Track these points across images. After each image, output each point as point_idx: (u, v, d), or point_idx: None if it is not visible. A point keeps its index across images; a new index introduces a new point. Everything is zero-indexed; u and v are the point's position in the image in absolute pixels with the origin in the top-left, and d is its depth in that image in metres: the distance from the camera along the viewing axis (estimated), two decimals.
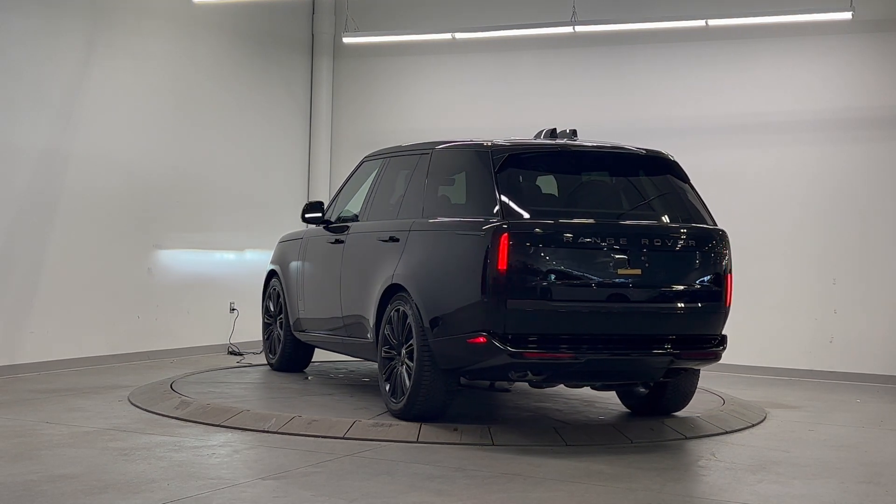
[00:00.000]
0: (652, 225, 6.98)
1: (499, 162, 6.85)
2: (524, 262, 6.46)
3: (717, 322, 6.96)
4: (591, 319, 6.63)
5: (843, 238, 10.72)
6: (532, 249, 6.49)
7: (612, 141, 7.73)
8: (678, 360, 6.76)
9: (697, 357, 6.92)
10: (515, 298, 6.42)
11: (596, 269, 6.64)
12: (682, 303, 6.85)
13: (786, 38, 10.93)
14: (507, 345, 6.37)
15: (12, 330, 9.13)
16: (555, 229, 6.60)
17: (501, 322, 6.41)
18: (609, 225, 6.81)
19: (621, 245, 6.66)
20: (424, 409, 6.90)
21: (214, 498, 5.08)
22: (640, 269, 6.66)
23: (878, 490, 5.73)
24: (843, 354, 10.64)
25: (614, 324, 6.69)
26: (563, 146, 7.29)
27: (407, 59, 12.69)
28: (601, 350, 6.59)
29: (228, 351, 11.31)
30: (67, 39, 9.60)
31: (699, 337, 6.91)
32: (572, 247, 6.58)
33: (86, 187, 9.80)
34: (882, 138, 10.63)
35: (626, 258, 6.63)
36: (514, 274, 6.42)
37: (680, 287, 6.85)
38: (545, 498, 5.30)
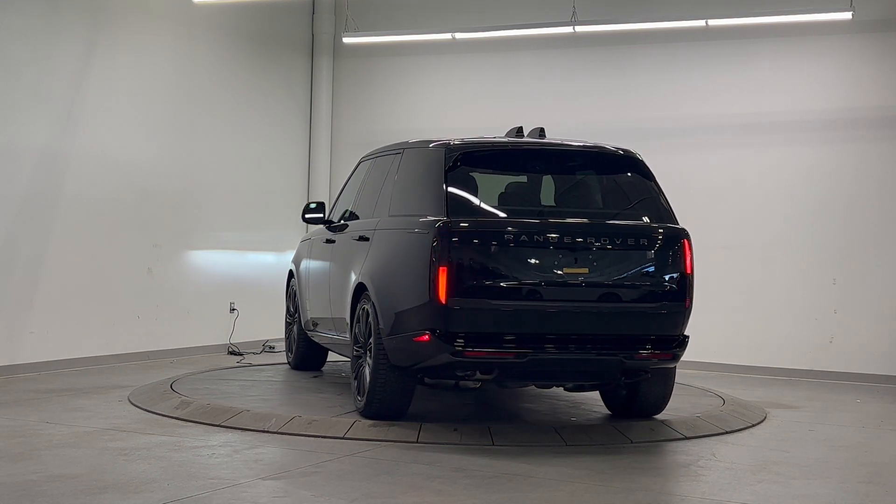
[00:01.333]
0: (600, 223, 6.86)
1: (451, 161, 6.87)
2: (467, 261, 6.45)
3: (674, 322, 6.80)
4: (535, 318, 6.55)
5: (842, 238, 10.72)
6: (475, 248, 6.48)
7: (581, 139, 7.65)
8: (629, 360, 6.61)
9: (650, 357, 6.71)
10: (458, 297, 6.40)
11: (541, 268, 6.57)
12: (634, 302, 6.74)
13: (786, 38, 10.93)
14: (449, 343, 6.38)
15: (12, 330, 9.13)
16: (498, 228, 6.57)
17: (444, 320, 6.41)
18: (555, 223, 6.74)
19: (567, 244, 6.57)
20: (382, 408, 6.93)
21: (214, 498, 5.08)
22: (587, 267, 6.59)
23: (878, 490, 5.73)
24: (843, 354, 10.64)
25: (559, 323, 6.59)
26: (519, 144, 7.29)
27: (407, 59, 12.69)
28: (544, 349, 6.51)
29: (228, 351, 11.31)
30: (67, 39, 9.60)
31: (653, 337, 6.75)
32: (516, 245, 6.51)
33: (86, 187, 9.80)
34: (882, 138, 10.63)
35: (572, 257, 6.56)
36: (456, 273, 6.40)
37: (631, 286, 6.74)
38: (545, 498, 5.30)
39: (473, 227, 6.53)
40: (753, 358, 10.97)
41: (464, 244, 6.45)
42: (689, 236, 6.90)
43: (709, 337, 11.20)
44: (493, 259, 6.50)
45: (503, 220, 6.71)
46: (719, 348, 11.13)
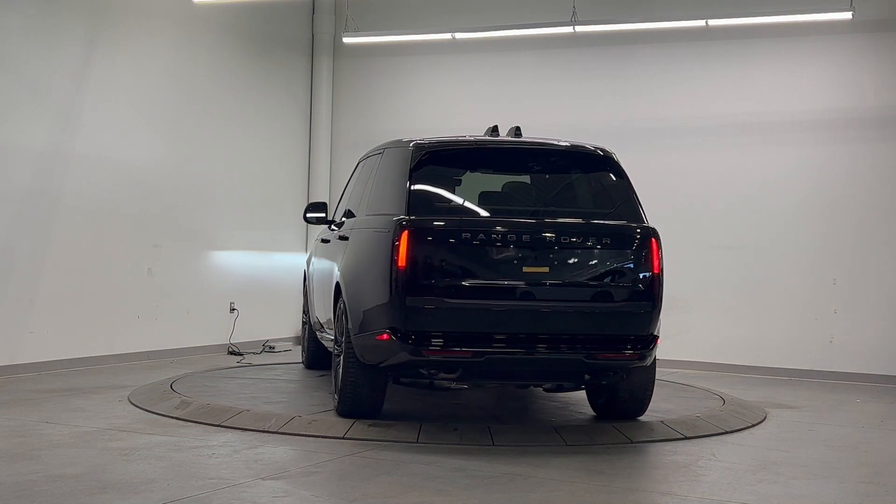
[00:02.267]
0: (561, 222, 6.77)
1: (416, 159, 6.88)
2: (425, 260, 6.44)
3: (640, 322, 6.70)
4: (493, 317, 6.51)
5: (843, 238, 10.72)
6: (433, 247, 6.47)
7: (556, 138, 7.59)
8: (590, 360, 6.52)
9: (612, 358, 6.61)
10: (416, 296, 6.40)
11: (500, 267, 6.54)
12: (595, 301, 6.65)
13: (786, 38, 10.94)
14: (407, 342, 6.37)
15: (12, 330, 9.13)
16: (457, 226, 6.54)
17: (402, 319, 6.40)
18: (515, 222, 6.68)
19: (527, 243, 6.52)
20: (353, 406, 6.97)
21: (214, 498, 5.08)
22: (547, 266, 6.53)
23: (878, 490, 5.73)
24: (843, 354, 10.65)
25: (518, 322, 6.53)
26: (487, 143, 7.28)
27: (407, 58, 12.70)
28: (502, 349, 6.46)
29: (228, 351, 11.31)
30: (67, 39, 9.60)
31: (616, 337, 6.65)
32: (475, 244, 6.47)
33: (86, 187, 9.80)
34: (882, 138, 10.63)
35: (532, 256, 6.52)
36: (414, 271, 6.40)
37: (592, 285, 6.67)
38: (545, 498, 5.30)
39: (431, 226, 6.53)
40: (753, 358, 10.97)
41: (422, 243, 6.43)
42: (656, 235, 6.80)
43: (709, 337, 11.23)
44: (452, 258, 6.50)
45: (462, 219, 6.68)
46: (719, 348, 11.13)
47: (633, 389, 7.20)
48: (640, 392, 7.23)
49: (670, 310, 11.31)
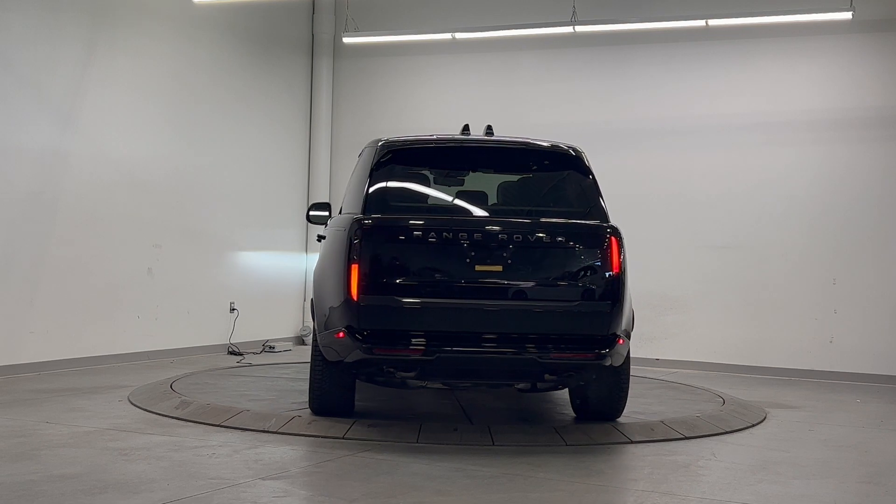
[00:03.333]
0: (515, 221, 6.73)
1: (378, 158, 6.94)
2: (379, 259, 6.47)
3: (598, 321, 6.54)
4: (445, 316, 6.48)
5: (842, 238, 10.72)
6: (387, 246, 6.50)
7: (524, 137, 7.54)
8: (544, 360, 6.41)
9: (567, 357, 6.49)
10: (369, 294, 6.41)
11: (453, 266, 6.52)
12: (549, 300, 6.56)
13: (786, 38, 10.94)
14: (360, 341, 6.39)
15: (12, 330, 9.13)
16: (410, 225, 6.55)
17: (356, 318, 6.42)
18: (468, 221, 6.68)
19: (480, 241, 6.48)
20: (323, 404, 7.05)
21: (214, 498, 5.08)
22: (501, 265, 6.49)
23: (878, 490, 5.73)
24: (843, 354, 10.65)
25: (470, 321, 6.48)
26: (448, 141, 7.30)
27: (407, 59, 12.70)
28: (454, 348, 6.43)
29: (228, 351, 11.31)
30: (67, 39, 9.60)
31: (572, 336, 6.52)
32: (428, 243, 6.47)
33: (86, 187, 9.80)
34: (882, 138, 10.63)
35: (485, 255, 6.47)
36: (368, 270, 6.42)
37: (547, 284, 6.58)
38: (545, 498, 5.30)
39: (384, 225, 6.57)
40: (753, 358, 10.98)
41: (375, 242, 6.46)
42: (617, 234, 6.65)
43: (709, 337, 11.23)
44: (405, 256, 6.52)
45: (415, 218, 6.68)
46: (719, 348, 11.14)
47: (603, 391, 7.09)
48: (611, 394, 7.10)
49: (670, 310, 11.38)
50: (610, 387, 7.08)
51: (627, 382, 7.13)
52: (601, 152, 11.71)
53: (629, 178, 11.58)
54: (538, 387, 7.00)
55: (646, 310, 11.45)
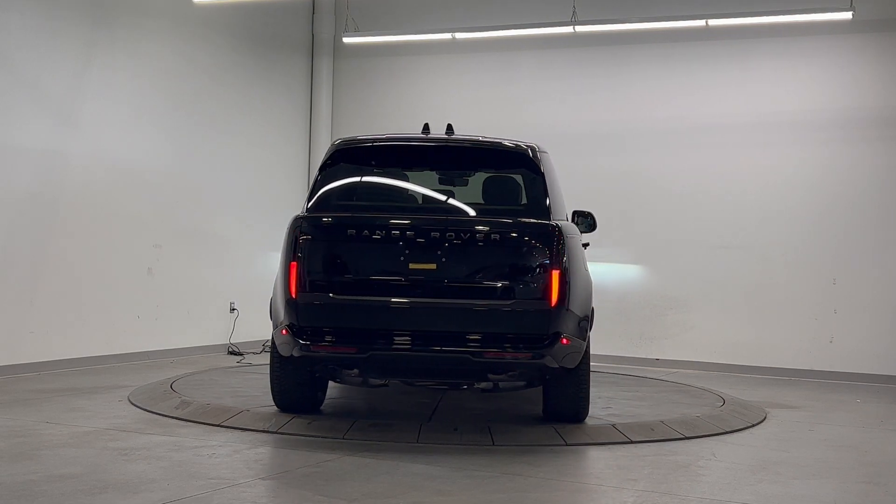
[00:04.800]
0: (450, 218, 6.67)
1: (328, 157, 7.02)
2: (315, 257, 6.55)
3: (535, 320, 6.45)
4: (379, 314, 6.51)
5: (843, 238, 10.72)
6: (322, 244, 6.58)
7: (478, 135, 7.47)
8: (477, 358, 6.37)
9: (503, 356, 6.43)
10: (307, 292, 6.51)
11: (388, 264, 6.53)
12: (486, 299, 6.46)
13: (786, 38, 10.94)
14: (298, 338, 6.47)
15: (12, 330, 9.13)
16: (344, 223, 6.61)
17: (295, 315, 6.51)
18: (402, 219, 6.63)
19: (414, 239, 6.47)
20: (284, 399, 7.17)
21: (214, 498, 5.08)
22: (434, 263, 6.46)
23: (878, 490, 5.73)
24: (843, 354, 10.65)
25: (404, 319, 6.49)
26: (398, 139, 7.32)
27: (407, 59, 12.70)
28: (388, 346, 6.45)
29: (228, 351, 11.31)
30: (67, 39, 9.60)
31: (508, 335, 6.44)
32: (363, 241, 6.51)
33: (86, 187, 9.80)
34: (882, 138, 10.63)
35: (420, 252, 6.46)
36: (305, 268, 6.51)
37: (482, 283, 6.51)
38: (545, 498, 5.30)
39: (320, 223, 6.64)
40: (753, 358, 10.98)
41: (312, 240, 6.56)
42: (558, 232, 6.56)
43: (709, 337, 11.23)
44: (341, 254, 6.59)
45: (350, 216, 6.73)
46: (719, 348, 11.14)
47: (560, 392, 7.00)
48: (569, 394, 6.98)
49: (670, 310, 11.39)
50: (568, 388, 6.95)
51: (588, 383, 6.99)
52: (601, 152, 11.75)
53: (629, 178, 11.58)
54: (500, 386, 6.97)
55: (646, 310, 11.48)
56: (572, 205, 9.16)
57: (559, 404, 7.05)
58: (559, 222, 6.71)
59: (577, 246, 6.96)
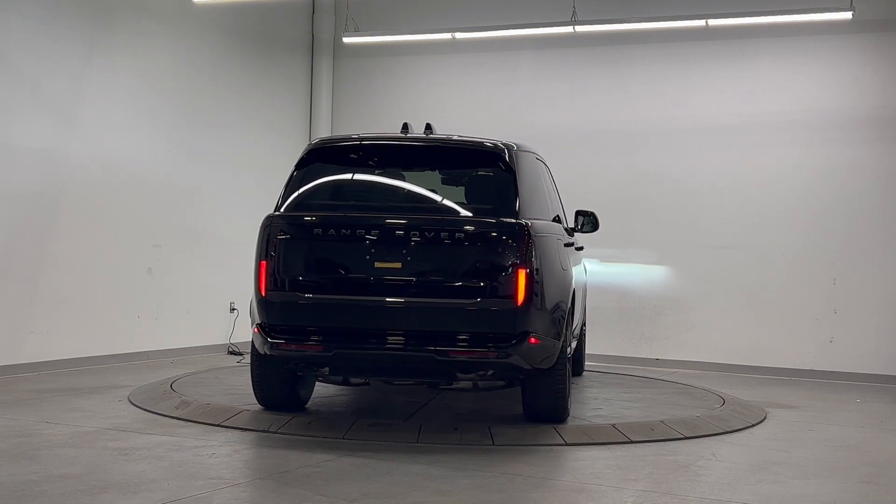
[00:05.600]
0: (414, 217, 6.63)
1: (302, 156, 7.10)
2: (283, 255, 6.61)
3: (501, 319, 6.41)
4: (344, 313, 6.55)
5: (843, 238, 10.73)
6: (291, 243, 6.63)
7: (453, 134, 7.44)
8: (442, 357, 6.34)
9: (467, 355, 6.38)
10: (275, 291, 6.59)
11: (353, 263, 6.57)
12: (449, 298, 6.43)
13: (786, 38, 10.94)
14: (267, 336, 6.57)
15: (12, 330, 9.13)
16: (311, 222, 6.65)
17: (265, 314, 6.63)
18: (368, 218, 6.64)
19: (380, 238, 6.49)
20: (266, 397, 7.24)
21: (214, 498, 5.08)
22: (400, 262, 6.47)
23: (878, 490, 5.73)
24: (843, 354, 10.65)
25: (369, 318, 6.52)
26: (370, 139, 7.35)
27: (407, 59, 12.70)
28: (352, 344, 6.48)
29: (228, 351, 11.31)
30: (67, 39, 9.60)
31: (472, 334, 6.41)
32: (330, 240, 6.56)
33: (86, 187, 9.80)
34: (882, 138, 10.63)
35: (385, 251, 6.47)
36: (273, 266, 6.60)
37: (447, 281, 6.48)
38: (545, 498, 5.30)
39: (289, 222, 6.69)
40: (753, 358, 10.98)
41: (281, 239, 6.63)
42: (525, 231, 6.50)
43: (709, 337, 11.23)
44: (307, 253, 6.65)
45: (315, 215, 6.74)
46: (719, 348, 11.14)
47: (536, 392, 6.93)
48: (545, 394, 6.92)
49: (670, 310, 11.39)
50: (544, 389, 6.89)
51: (564, 384, 6.92)
52: (600, 152, 11.75)
53: (629, 178, 11.59)
54: (479, 385, 6.98)
55: (646, 310, 11.48)
56: (572, 205, 9.18)
57: (537, 404, 7.01)
58: (529, 221, 6.63)
59: (551, 245, 6.92)
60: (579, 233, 8.86)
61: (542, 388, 6.90)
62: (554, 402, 6.95)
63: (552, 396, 6.92)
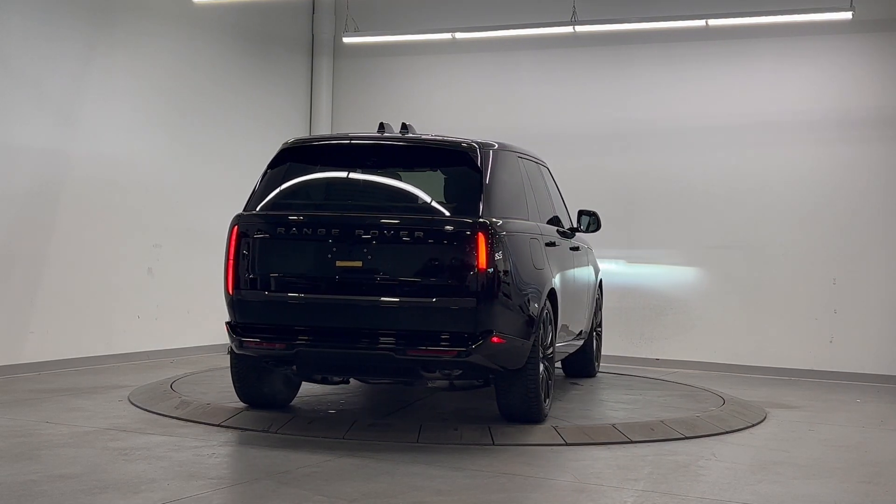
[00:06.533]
0: (374, 216, 6.63)
1: (274, 156, 7.19)
2: (248, 254, 6.70)
3: (461, 318, 6.39)
4: (306, 311, 6.63)
5: (842, 238, 10.72)
6: (254, 242, 6.72)
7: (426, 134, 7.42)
8: (401, 356, 6.35)
9: (426, 354, 6.38)
10: (241, 289, 6.70)
11: (315, 262, 6.64)
12: (408, 296, 6.45)
13: (786, 38, 10.94)
14: (234, 334, 6.69)
15: (12, 330, 9.13)
16: (275, 222, 6.73)
17: (232, 311, 6.79)
18: (329, 217, 6.69)
19: (340, 237, 6.53)
20: (246, 394, 7.34)
21: (214, 498, 5.08)
22: (360, 261, 6.50)
23: (878, 490, 5.73)
24: (843, 354, 10.65)
25: (330, 316, 6.58)
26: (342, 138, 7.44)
27: (407, 59, 12.70)
28: (313, 342, 6.54)
29: (228, 351, 11.27)
30: (67, 39, 9.60)
31: (431, 333, 6.41)
32: (292, 239, 6.66)
33: (86, 187, 9.80)
34: (882, 138, 10.63)
35: (346, 250, 6.52)
36: (240, 265, 6.70)
37: (406, 280, 6.49)
38: (545, 498, 5.30)
39: (254, 221, 6.77)
40: (753, 358, 10.98)
41: (245, 238, 6.73)
42: (485, 230, 6.44)
43: (709, 337, 11.24)
44: (271, 252, 6.74)
45: (277, 214, 6.81)
46: (719, 348, 11.14)
47: (506, 391, 6.90)
48: (516, 396, 6.88)
49: (670, 310, 11.39)
50: (514, 389, 6.86)
51: (537, 385, 6.86)
52: (600, 152, 11.75)
53: (628, 178, 11.59)
54: (455, 385, 6.98)
55: (646, 310, 11.48)
56: (571, 204, 9.18)
57: (509, 405, 6.98)
58: (492, 220, 6.58)
59: (521, 245, 6.85)
60: (581, 232, 8.86)
61: (515, 389, 6.88)
62: (527, 402, 6.91)
63: (524, 397, 6.88)
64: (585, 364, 9.63)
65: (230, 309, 6.79)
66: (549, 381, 7.20)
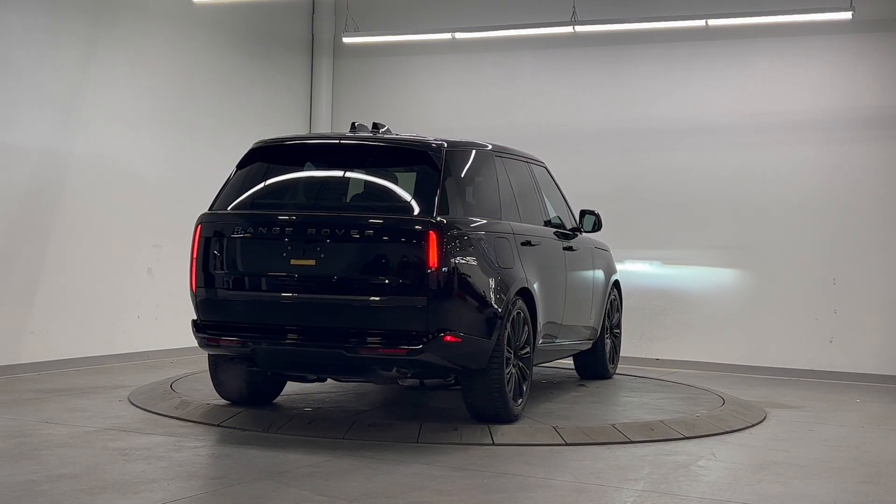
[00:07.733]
0: (326, 216, 6.70)
1: (243, 156, 7.24)
2: (210, 253, 6.84)
3: (411, 317, 6.40)
4: (262, 309, 6.74)
5: (843, 238, 10.72)
6: (214, 241, 6.85)
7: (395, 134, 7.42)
8: (351, 354, 6.39)
9: (376, 352, 6.41)
10: (202, 288, 6.86)
11: (270, 260, 6.69)
12: (359, 295, 6.48)
13: (786, 37, 10.94)
14: (197, 332, 6.85)
15: (12, 330, 9.13)
16: (233, 221, 6.84)
17: (196, 310, 6.94)
18: (284, 216, 6.75)
19: (294, 236, 6.61)
20: (225, 391, 7.46)
21: (214, 498, 5.08)
22: (314, 259, 6.55)
23: (878, 490, 5.73)
24: (843, 354, 10.65)
25: (284, 314, 6.66)
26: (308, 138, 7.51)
27: (407, 59, 12.70)
28: (268, 340, 6.62)
29: None
30: (68, 39, 9.60)
31: (382, 331, 6.43)
32: (250, 238, 6.78)
33: (86, 187, 9.80)
34: (882, 138, 10.63)
35: (300, 249, 6.58)
36: (203, 264, 6.86)
37: (358, 279, 6.52)
38: (545, 498, 5.30)
39: (213, 220, 6.91)
40: (753, 358, 10.98)
41: (206, 237, 6.88)
42: (437, 229, 6.42)
43: (709, 337, 11.24)
44: (230, 251, 6.86)
45: (238, 214, 6.92)
46: (719, 348, 11.14)
47: (472, 392, 6.87)
48: (480, 395, 6.85)
49: (670, 310, 11.39)
50: (478, 388, 6.84)
51: (501, 384, 6.80)
52: (600, 152, 11.75)
53: (628, 178, 11.59)
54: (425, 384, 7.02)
55: (646, 310, 11.48)
56: (572, 205, 9.17)
57: (475, 404, 6.96)
58: (446, 219, 6.55)
59: (481, 244, 6.81)
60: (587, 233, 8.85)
61: (479, 388, 6.86)
62: (491, 402, 6.87)
63: (488, 396, 6.85)
64: (597, 365, 9.54)
65: (194, 306, 6.94)
66: (522, 380, 7.17)
